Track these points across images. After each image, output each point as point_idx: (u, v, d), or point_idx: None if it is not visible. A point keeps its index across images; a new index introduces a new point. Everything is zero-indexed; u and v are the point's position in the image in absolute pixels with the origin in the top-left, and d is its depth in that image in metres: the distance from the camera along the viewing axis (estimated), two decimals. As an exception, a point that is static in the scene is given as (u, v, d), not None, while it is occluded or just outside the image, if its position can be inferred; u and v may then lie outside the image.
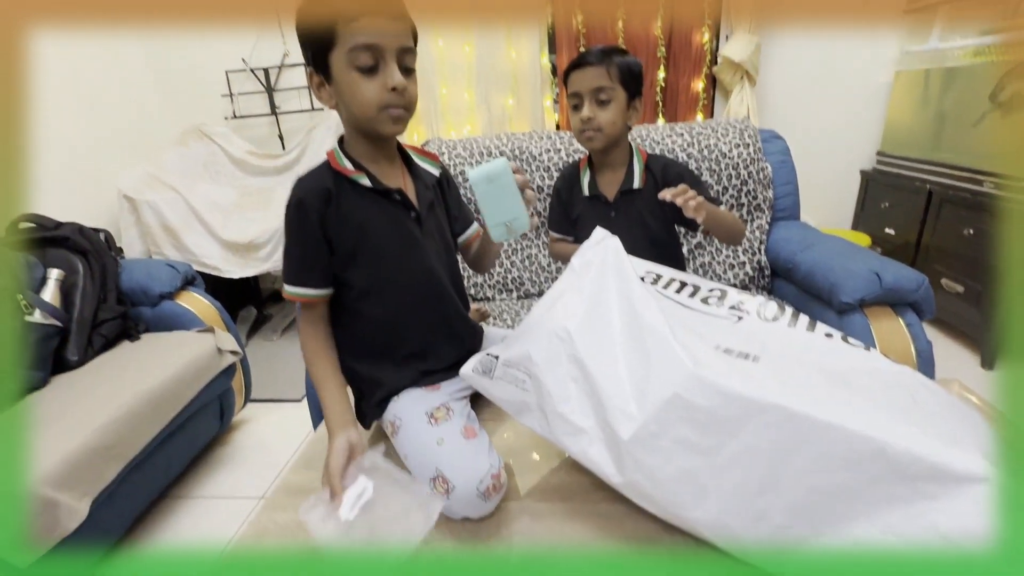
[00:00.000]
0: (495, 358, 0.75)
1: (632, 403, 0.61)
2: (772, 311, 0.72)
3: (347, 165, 0.78)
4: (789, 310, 0.72)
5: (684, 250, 1.54)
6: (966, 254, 1.84)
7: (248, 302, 2.59)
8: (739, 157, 1.55)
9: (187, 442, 1.47)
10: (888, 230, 2.23)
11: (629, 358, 0.65)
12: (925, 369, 1.09)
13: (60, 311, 1.36)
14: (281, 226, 0.79)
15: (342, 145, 0.80)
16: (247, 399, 1.75)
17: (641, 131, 1.61)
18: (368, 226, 0.78)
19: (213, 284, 2.01)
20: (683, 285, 0.79)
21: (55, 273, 1.40)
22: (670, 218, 1.13)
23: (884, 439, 0.49)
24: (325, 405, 0.78)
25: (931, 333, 1.18)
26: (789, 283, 1.46)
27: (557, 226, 1.24)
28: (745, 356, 0.62)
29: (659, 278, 0.80)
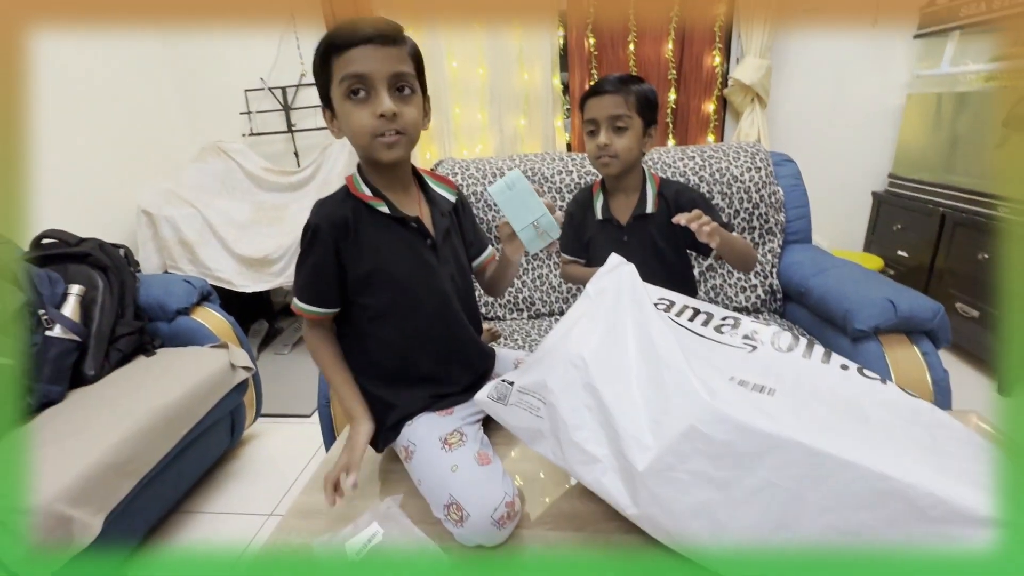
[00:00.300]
0: (510, 384, 0.75)
1: (648, 433, 0.61)
2: (787, 341, 0.72)
3: (365, 191, 0.79)
4: (803, 340, 0.72)
5: (695, 272, 1.54)
6: (981, 279, 1.82)
7: (260, 315, 2.61)
8: (751, 181, 1.55)
9: (198, 457, 1.48)
10: (901, 252, 2.22)
11: (645, 387, 0.64)
12: (941, 399, 1.07)
13: (79, 326, 1.38)
14: (294, 242, 0.82)
15: (361, 171, 0.82)
16: (258, 414, 1.76)
17: (653, 154, 1.62)
18: (384, 252, 0.80)
19: (226, 297, 2.03)
20: (696, 312, 0.79)
21: (76, 288, 1.42)
22: (682, 242, 1.14)
23: (905, 479, 0.49)
24: (344, 395, 0.83)
25: (946, 358, 1.17)
26: (802, 307, 1.46)
27: (569, 248, 1.25)
28: (761, 389, 0.61)
29: (672, 305, 0.80)
